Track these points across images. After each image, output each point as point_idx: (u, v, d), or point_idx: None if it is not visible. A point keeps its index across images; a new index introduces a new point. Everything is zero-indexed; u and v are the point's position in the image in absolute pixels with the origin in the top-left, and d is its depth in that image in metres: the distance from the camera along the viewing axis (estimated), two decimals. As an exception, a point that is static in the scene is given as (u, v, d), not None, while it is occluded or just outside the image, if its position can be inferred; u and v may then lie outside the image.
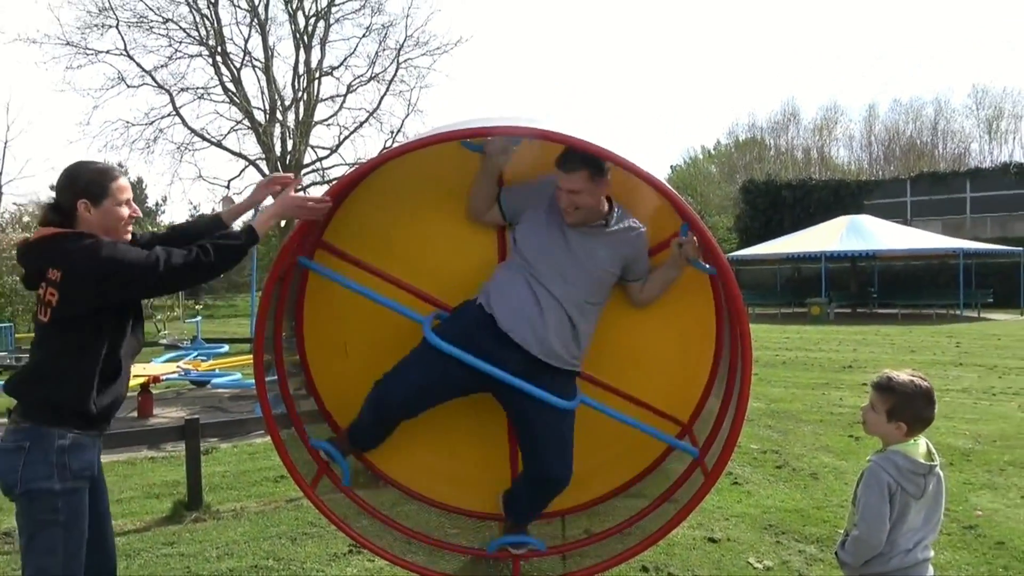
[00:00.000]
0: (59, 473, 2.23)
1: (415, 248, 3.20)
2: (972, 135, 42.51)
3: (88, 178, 2.35)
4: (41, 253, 2.32)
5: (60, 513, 2.22)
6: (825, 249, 23.25)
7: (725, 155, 47.68)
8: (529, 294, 2.81)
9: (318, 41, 29.55)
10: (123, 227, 2.41)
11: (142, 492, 5.35)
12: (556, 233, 2.86)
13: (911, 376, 2.34)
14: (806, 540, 4.18)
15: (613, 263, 2.91)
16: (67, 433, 2.26)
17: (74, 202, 2.32)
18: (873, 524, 2.26)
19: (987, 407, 8.01)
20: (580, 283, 2.84)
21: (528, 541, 3.08)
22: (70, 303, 2.25)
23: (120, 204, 2.38)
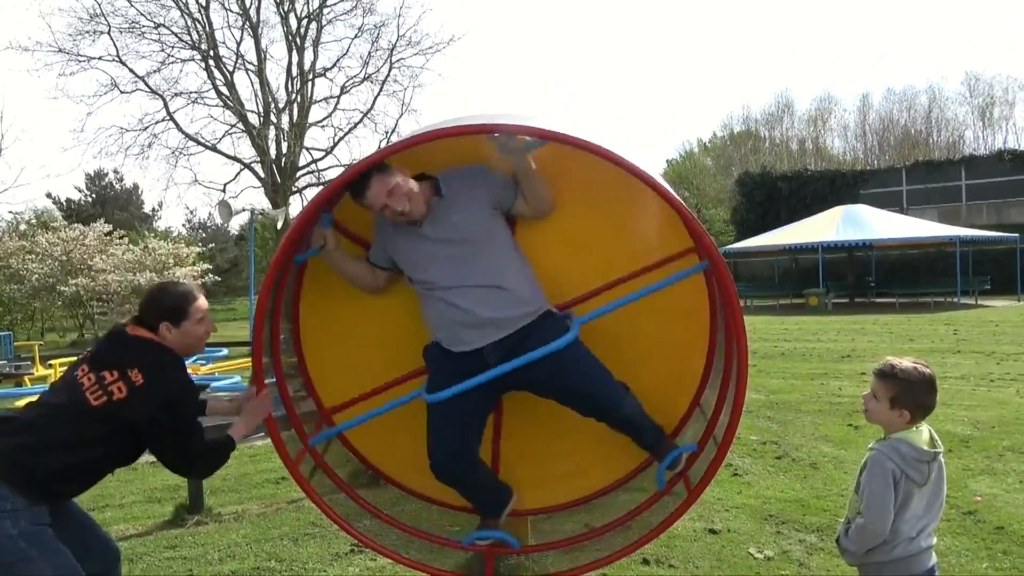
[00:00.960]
0: (12, 522, 2.21)
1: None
2: (966, 123, 42.60)
3: (169, 304, 2.56)
4: (136, 351, 2.45)
5: (32, 549, 2.22)
6: (822, 240, 23.27)
7: (720, 148, 47.68)
8: (445, 308, 2.81)
9: (311, 43, 29.53)
10: (200, 344, 2.66)
11: (143, 496, 5.35)
12: (417, 241, 2.85)
13: (914, 363, 2.34)
14: (806, 529, 4.19)
15: (479, 216, 2.85)
16: (22, 501, 2.24)
17: (157, 323, 2.53)
18: (878, 512, 2.26)
19: (985, 393, 8.03)
20: (474, 255, 2.81)
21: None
22: (129, 409, 2.36)
23: (198, 324, 2.60)
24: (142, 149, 27.97)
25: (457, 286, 2.78)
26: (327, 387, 3.30)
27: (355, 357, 3.26)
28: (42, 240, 19.71)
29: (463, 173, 2.92)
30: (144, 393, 2.37)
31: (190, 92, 28.62)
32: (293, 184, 29.28)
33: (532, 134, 2.68)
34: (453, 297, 2.79)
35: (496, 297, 2.78)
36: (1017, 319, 16.80)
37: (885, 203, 29.39)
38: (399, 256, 2.95)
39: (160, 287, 2.67)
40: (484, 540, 3.06)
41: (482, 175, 2.92)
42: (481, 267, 2.80)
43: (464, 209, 2.83)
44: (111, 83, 27.38)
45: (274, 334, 3.13)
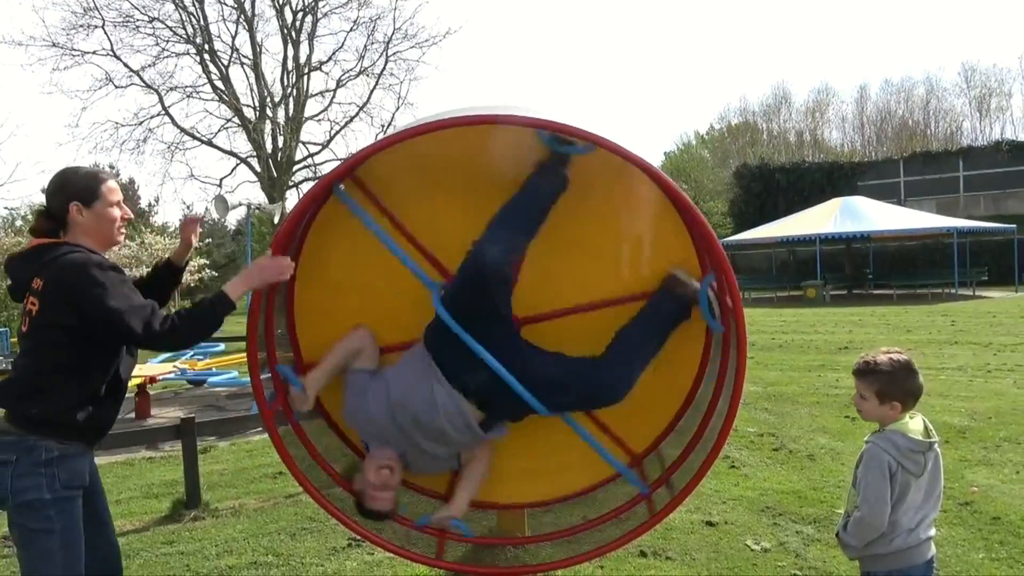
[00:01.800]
0: (48, 483, 2.21)
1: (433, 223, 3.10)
2: (963, 113, 42.52)
3: (78, 181, 2.37)
4: (28, 262, 2.33)
5: (54, 522, 2.22)
6: (819, 232, 23.28)
7: (718, 140, 47.61)
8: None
9: (306, 36, 29.36)
10: (116, 229, 2.43)
11: (140, 492, 5.35)
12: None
13: (887, 354, 2.36)
14: (803, 521, 4.20)
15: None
16: (54, 445, 2.24)
17: (66, 205, 2.33)
18: (875, 505, 2.26)
19: (982, 384, 8.05)
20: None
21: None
22: (48, 313, 2.24)
23: (111, 205, 2.39)
24: (137, 144, 27.82)
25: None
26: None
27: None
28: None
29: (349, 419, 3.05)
30: (48, 291, 2.23)
31: (185, 86, 28.47)
32: (290, 178, 29.19)
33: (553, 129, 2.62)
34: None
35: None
36: (1014, 310, 16.82)
37: (883, 195, 29.39)
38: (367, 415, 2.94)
39: (66, 168, 2.45)
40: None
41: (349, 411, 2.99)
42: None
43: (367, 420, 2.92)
44: (106, 78, 27.21)
45: (269, 329, 3.11)
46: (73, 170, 2.44)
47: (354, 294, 3.16)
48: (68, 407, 2.27)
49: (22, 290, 2.32)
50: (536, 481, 3.30)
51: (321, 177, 3.71)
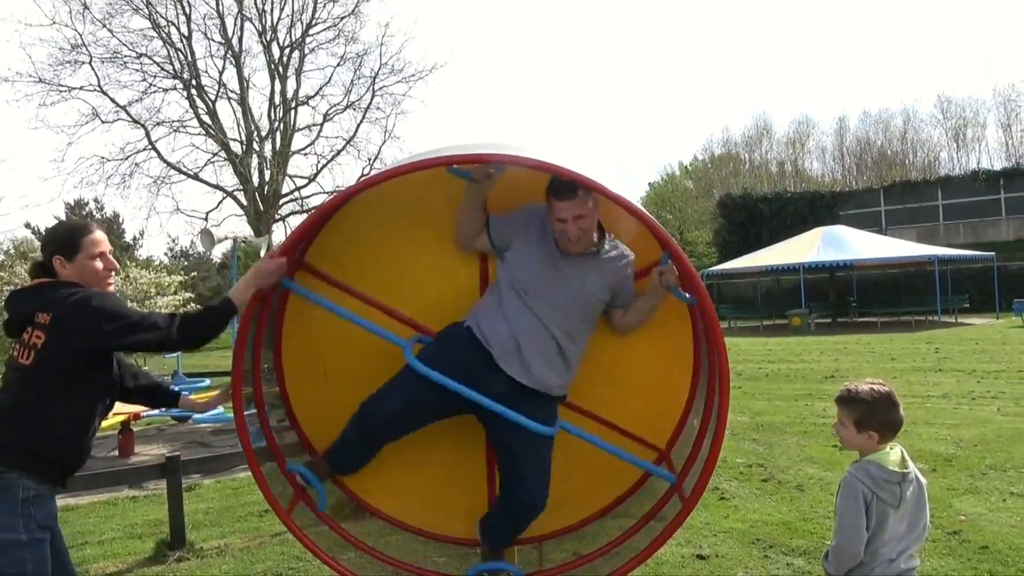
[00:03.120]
0: (25, 524, 2.25)
1: (397, 273, 3.20)
2: (940, 144, 43.39)
3: (61, 235, 2.48)
4: (33, 297, 2.40)
5: (28, 564, 2.24)
6: (803, 260, 23.53)
7: (701, 170, 48.21)
8: (519, 321, 2.82)
9: (293, 71, 29.61)
10: (100, 280, 2.49)
11: (124, 532, 5.25)
12: (547, 261, 2.88)
13: (870, 384, 2.39)
14: (793, 553, 4.19)
15: (603, 290, 2.93)
16: (32, 484, 2.29)
17: (51, 258, 2.45)
18: (850, 534, 2.28)
19: (967, 411, 8.10)
20: (571, 310, 2.87)
21: (506, 567, 3.06)
22: (56, 346, 2.31)
23: (93, 258, 2.46)
24: (123, 178, 27.75)
25: (539, 320, 2.82)
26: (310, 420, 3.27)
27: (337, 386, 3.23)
28: (20, 270, 19.46)
29: (623, 252, 3.01)
30: (57, 325, 2.31)
31: (172, 121, 28.52)
32: (276, 212, 29.19)
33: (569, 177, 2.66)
34: (530, 323, 2.82)
35: (554, 358, 2.85)
36: (996, 337, 17.01)
37: (864, 223, 29.83)
38: (520, 251, 2.94)
39: (56, 223, 2.65)
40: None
41: (630, 267, 3.01)
42: (567, 328, 2.86)
43: (600, 280, 2.91)
44: (92, 113, 27.23)
45: (255, 364, 3.10)
46: (58, 224, 2.59)
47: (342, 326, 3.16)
48: (54, 441, 2.33)
49: (22, 324, 2.39)
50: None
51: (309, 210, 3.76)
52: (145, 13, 27.05)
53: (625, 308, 3.03)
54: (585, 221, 2.78)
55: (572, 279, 2.87)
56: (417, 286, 3.20)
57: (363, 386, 3.19)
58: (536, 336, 2.82)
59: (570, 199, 2.74)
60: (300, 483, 3.00)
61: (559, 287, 2.85)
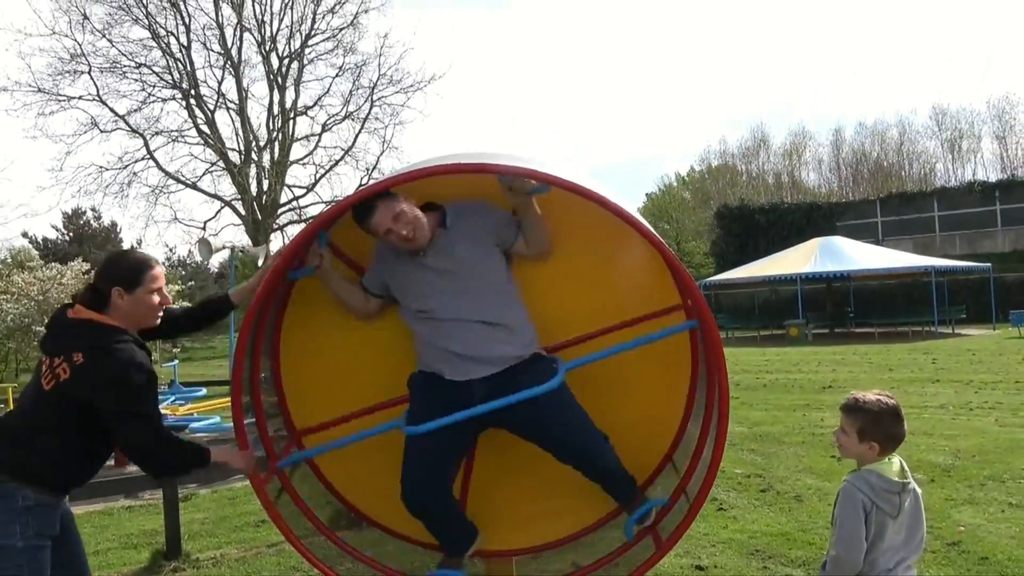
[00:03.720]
0: (22, 531, 2.26)
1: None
2: (936, 155, 43.61)
3: (125, 267, 2.53)
4: (77, 334, 2.41)
5: (23, 569, 2.25)
6: (800, 271, 23.57)
7: (698, 181, 48.37)
8: (441, 335, 2.82)
9: (292, 82, 29.73)
10: (153, 314, 2.56)
11: (119, 543, 5.21)
12: (418, 272, 2.88)
13: (877, 396, 2.38)
14: (792, 564, 4.17)
15: (482, 251, 2.89)
16: (31, 493, 2.30)
17: (109, 288, 2.47)
18: (849, 544, 2.27)
19: (965, 422, 8.10)
20: (473, 287, 2.84)
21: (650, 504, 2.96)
22: (75, 388, 2.34)
23: (152, 293, 2.53)
24: (121, 187, 27.80)
25: (455, 319, 2.80)
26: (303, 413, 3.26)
27: (334, 389, 3.23)
28: (18, 280, 19.44)
29: (469, 207, 2.96)
30: (85, 371, 2.34)
31: (171, 130, 28.60)
32: (274, 222, 29.22)
33: (539, 179, 2.70)
34: (450, 328, 2.80)
35: (493, 333, 2.80)
36: (993, 347, 17.03)
37: (861, 234, 29.91)
38: (397, 283, 2.95)
39: (118, 252, 2.70)
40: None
41: (488, 211, 2.96)
42: (481, 303, 2.82)
43: (470, 244, 2.87)
44: (91, 122, 27.31)
45: (254, 372, 3.10)
46: (122, 255, 2.67)
47: (342, 333, 3.16)
48: (53, 467, 2.36)
49: (58, 352, 2.39)
50: (525, 527, 3.27)
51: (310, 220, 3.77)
52: (145, 24, 27.21)
53: (522, 238, 2.98)
54: (405, 217, 2.76)
55: (449, 266, 2.84)
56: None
57: (362, 392, 3.19)
58: (463, 335, 2.79)
59: (374, 212, 2.76)
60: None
61: (445, 283, 2.83)
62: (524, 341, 2.87)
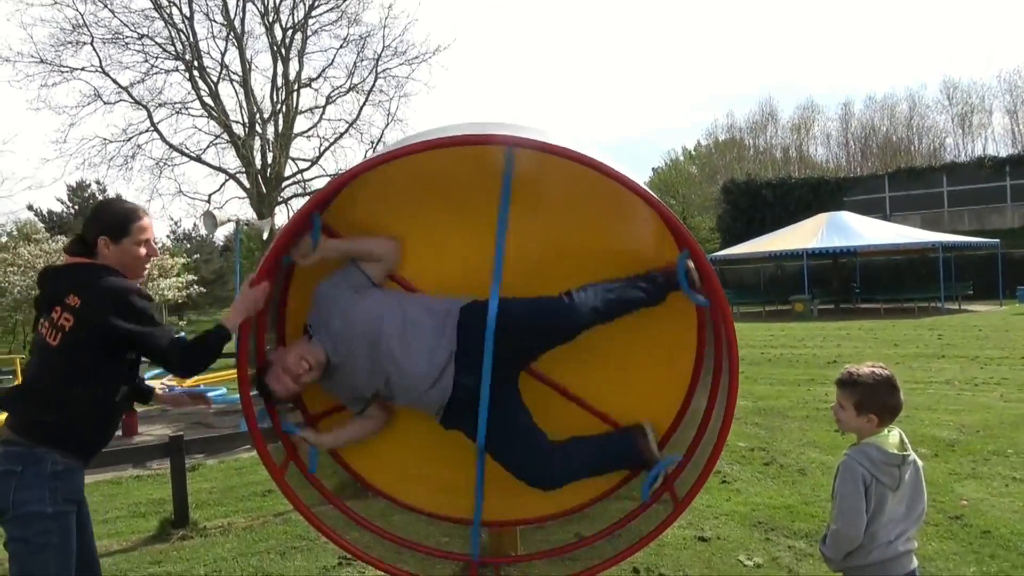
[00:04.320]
0: (51, 496, 2.29)
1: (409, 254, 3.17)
2: (946, 130, 43.13)
3: (113, 217, 2.49)
4: (66, 278, 2.42)
5: (53, 535, 2.28)
6: (806, 247, 23.45)
7: (705, 156, 48.00)
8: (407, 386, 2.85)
9: (296, 53, 29.42)
10: (139, 265, 2.53)
11: (127, 511, 5.28)
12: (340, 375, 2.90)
13: (871, 368, 2.38)
14: (795, 536, 4.20)
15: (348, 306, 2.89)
16: (59, 458, 2.33)
17: (95, 237, 2.45)
18: (850, 517, 2.28)
19: (970, 398, 8.10)
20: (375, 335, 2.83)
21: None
22: (82, 331, 2.34)
23: (138, 244, 2.50)
24: (125, 160, 27.69)
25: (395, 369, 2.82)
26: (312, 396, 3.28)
27: None
28: (24, 252, 19.49)
29: (315, 302, 2.96)
30: (85, 310, 2.34)
31: (174, 103, 28.39)
32: (279, 195, 29.13)
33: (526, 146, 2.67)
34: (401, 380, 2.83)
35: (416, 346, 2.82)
36: (1000, 324, 16.98)
37: (868, 210, 29.70)
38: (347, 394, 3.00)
39: (106, 201, 2.66)
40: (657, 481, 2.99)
41: (323, 286, 2.95)
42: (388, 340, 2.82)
43: (335, 316, 2.87)
44: (94, 94, 27.12)
45: (259, 344, 3.10)
46: (110, 203, 2.61)
47: None
48: (82, 420, 2.38)
49: (53, 303, 2.40)
50: (529, 498, 3.28)
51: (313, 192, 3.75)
52: (147, -7, 26.86)
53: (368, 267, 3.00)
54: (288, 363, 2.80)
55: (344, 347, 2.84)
56: (429, 265, 3.16)
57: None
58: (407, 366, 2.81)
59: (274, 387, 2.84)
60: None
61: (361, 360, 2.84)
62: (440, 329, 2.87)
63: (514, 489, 3.25)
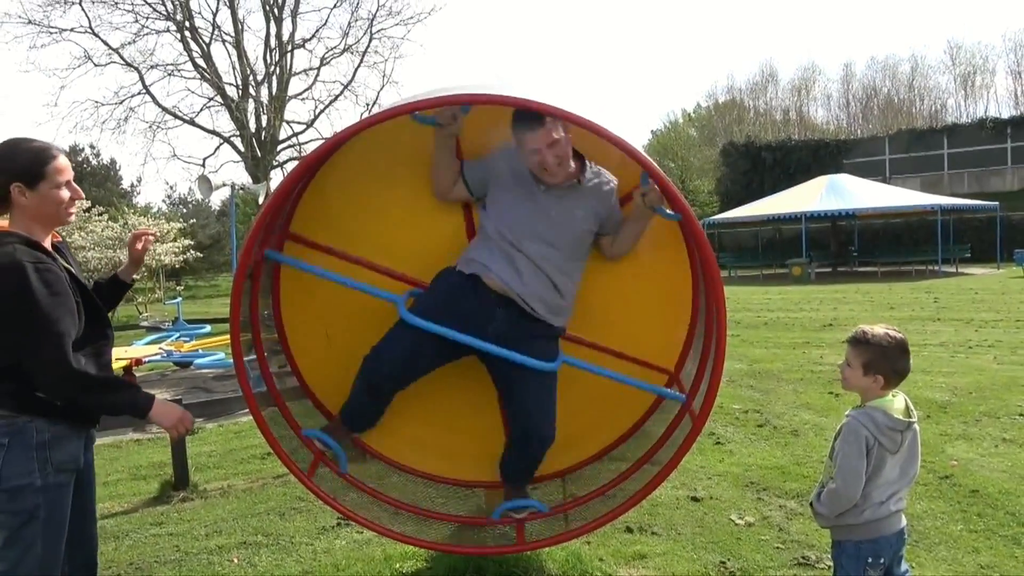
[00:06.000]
0: (40, 468, 2.14)
1: (383, 229, 3.18)
2: (948, 91, 42.74)
3: (22, 160, 2.15)
4: None
5: (41, 510, 2.15)
6: (805, 210, 23.40)
7: (705, 118, 47.54)
8: (509, 262, 2.81)
9: (289, 13, 28.96)
10: (63, 211, 2.22)
11: (128, 474, 5.34)
12: (529, 200, 2.84)
13: (885, 329, 2.37)
14: (786, 495, 4.26)
15: (591, 221, 2.90)
16: (46, 426, 2.16)
17: (7, 185, 2.13)
18: (849, 478, 2.30)
19: (964, 360, 8.16)
20: (561, 245, 2.84)
21: (530, 504, 3.10)
22: None
23: (59, 187, 2.19)
24: (118, 123, 27.54)
25: (531, 257, 2.79)
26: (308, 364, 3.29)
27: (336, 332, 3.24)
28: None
29: (605, 180, 2.94)
30: None
31: (166, 64, 28.06)
32: (274, 158, 28.91)
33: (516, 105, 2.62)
34: (523, 262, 2.80)
35: (550, 293, 2.84)
36: (996, 287, 17.02)
37: (868, 172, 29.57)
38: (497, 195, 2.90)
39: (9, 141, 2.19)
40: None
41: (614, 193, 2.94)
42: (561, 265, 2.84)
43: (587, 212, 2.86)
44: (84, 55, 26.77)
45: (253, 310, 3.10)
46: (17, 144, 2.18)
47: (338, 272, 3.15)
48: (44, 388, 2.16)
49: None
50: None
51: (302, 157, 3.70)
52: (135, -49, 26.31)
53: (614, 234, 2.99)
54: (559, 147, 2.71)
55: (558, 214, 2.83)
56: (406, 241, 3.18)
57: (362, 331, 3.20)
58: (527, 273, 2.80)
59: (538, 127, 2.67)
60: (319, 448, 3.01)
61: (546, 224, 2.82)
62: (564, 318, 2.93)
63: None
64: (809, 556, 3.45)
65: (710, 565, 3.45)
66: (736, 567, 3.41)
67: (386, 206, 3.17)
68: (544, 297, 2.83)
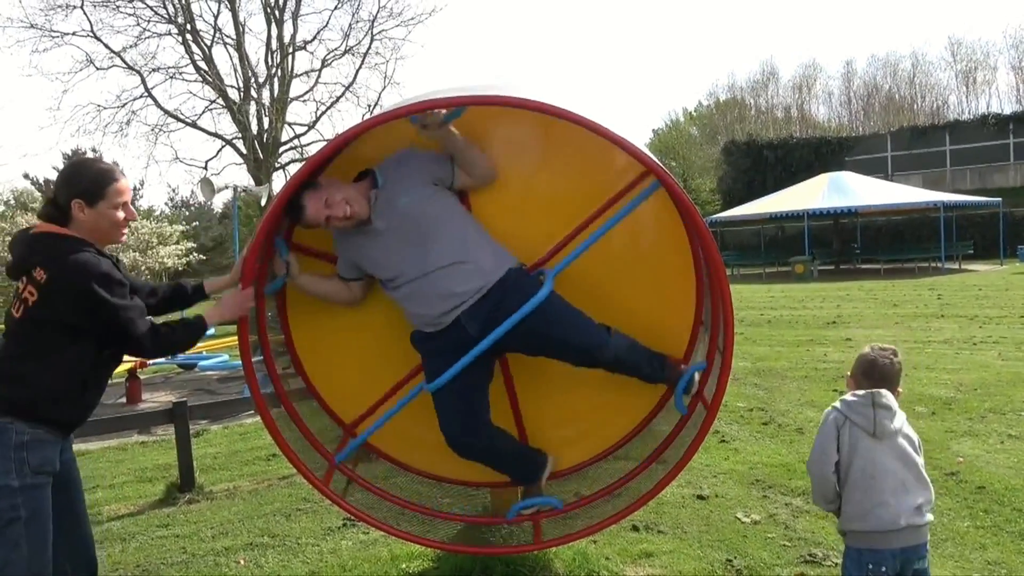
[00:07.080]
0: (17, 469, 2.19)
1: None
2: (949, 87, 42.62)
3: (87, 179, 2.34)
4: (35, 249, 2.30)
5: (20, 510, 2.18)
6: (807, 207, 23.35)
7: (706, 116, 47.48)
8: (417, 294, 2.82)
9: (290, 15, 28.88)
10: (116, 230, 2.40)
11: (134, 476, 5.36)
12: (374, 239, 2.84)
13: (871, 346, 2.59)
14: (792, 493, 4.26)
15: (420, 195, 2.83)
16: (26, 429, 2.22)
17: (69, 201, 2.31)
18: (815, 455, 2.45)
19: (968, 357, 8.15)
20: (428, 237, 2.80)
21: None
22: (46, 308, 2.24)
23: (116, 208, 2.36)
24: (120, 127, 27.39)
25: (421, 275, 2.79)
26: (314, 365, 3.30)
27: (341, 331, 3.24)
28: (21, 221, 19.41)
29: (395, 159, 2.91)
30: (50, 287, 2.22)
31: (168, 67, 27.95)
32: (276, 160, 28.90)
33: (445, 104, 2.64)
34: (420, 286, 2.81)
35: (459, 272, 2.80)
36: (999, 283, 16.99)
37: (870, 169, 29.49)
38: (363, 261, 2.95)
39: (79, 160, 2.47)
40: (529, 509, 3.08)
41: (413, 155, 2.90)
42: (440, 247, 2.80)
43: (406, 192, 2.82)
44: (86, 59, 26.70)
45: (259, 311, 3.10)
46: (84, 163, 2.43)
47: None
48: (44, 398, 2.25)
49: (21, 273, 2.30)
50: None
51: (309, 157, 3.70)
52: (136, -46, 26.31)
53: (460, 170, 2.92)
54: (332, 199, 2.73)
55: (395, 223, 2.81)
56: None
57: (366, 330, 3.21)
58: (433, 287, 2.79)
59: (305, 209, 2.73)
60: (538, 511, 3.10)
61: (400, 241, 2.81)
62: (491, 270, 2.84)
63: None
64: (816, 553, 3.45)
65: (716, 563, 3.44)
66: (743, 565, 3.41)
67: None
68: (469, 277, 2.79)
